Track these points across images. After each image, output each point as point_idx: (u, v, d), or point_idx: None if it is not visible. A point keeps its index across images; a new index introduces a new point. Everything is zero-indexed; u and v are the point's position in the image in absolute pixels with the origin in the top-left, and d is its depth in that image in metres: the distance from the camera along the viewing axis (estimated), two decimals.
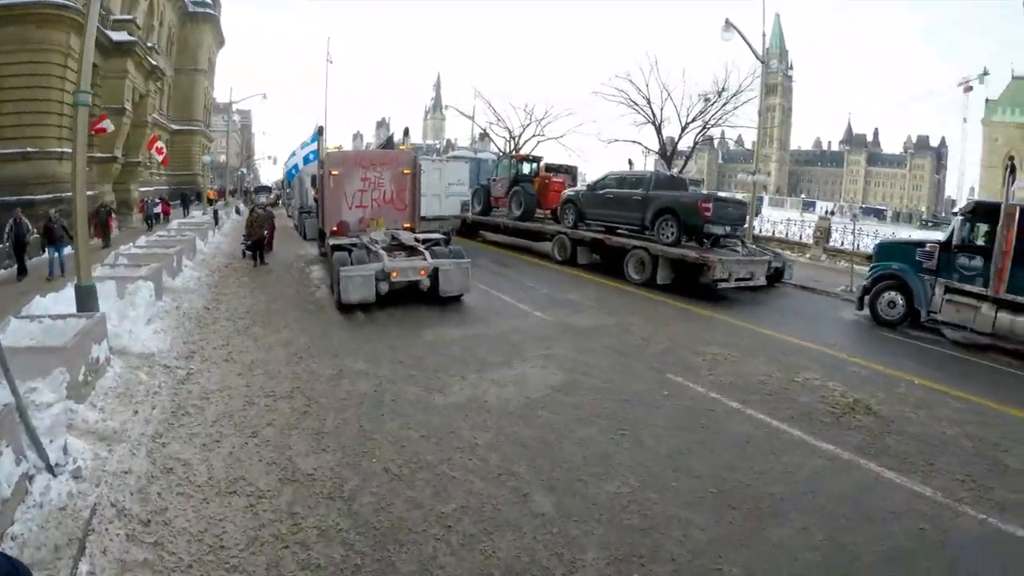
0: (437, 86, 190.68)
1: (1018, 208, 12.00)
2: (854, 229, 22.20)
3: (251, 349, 9.19)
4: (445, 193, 21.34)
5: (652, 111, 32.15)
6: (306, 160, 20.21)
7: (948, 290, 12.84)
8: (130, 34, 26.62)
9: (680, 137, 31.67)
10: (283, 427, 6.37)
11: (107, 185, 27.13)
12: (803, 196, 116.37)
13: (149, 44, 30.88)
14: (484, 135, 46.22)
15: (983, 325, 12.15)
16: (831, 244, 27.90)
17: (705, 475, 5.68)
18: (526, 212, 21.04)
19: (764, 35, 18.60)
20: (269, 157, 79.80)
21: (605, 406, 7.28)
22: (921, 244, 13.78)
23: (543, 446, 6.14)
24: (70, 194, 9.32)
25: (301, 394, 7.34)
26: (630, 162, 27.52)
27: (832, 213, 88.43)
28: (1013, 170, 13.50)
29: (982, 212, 12.83)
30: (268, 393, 7.33)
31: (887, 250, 14.75)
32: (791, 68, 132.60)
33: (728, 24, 17.31)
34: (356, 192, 14.44)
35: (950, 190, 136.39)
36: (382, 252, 12.19)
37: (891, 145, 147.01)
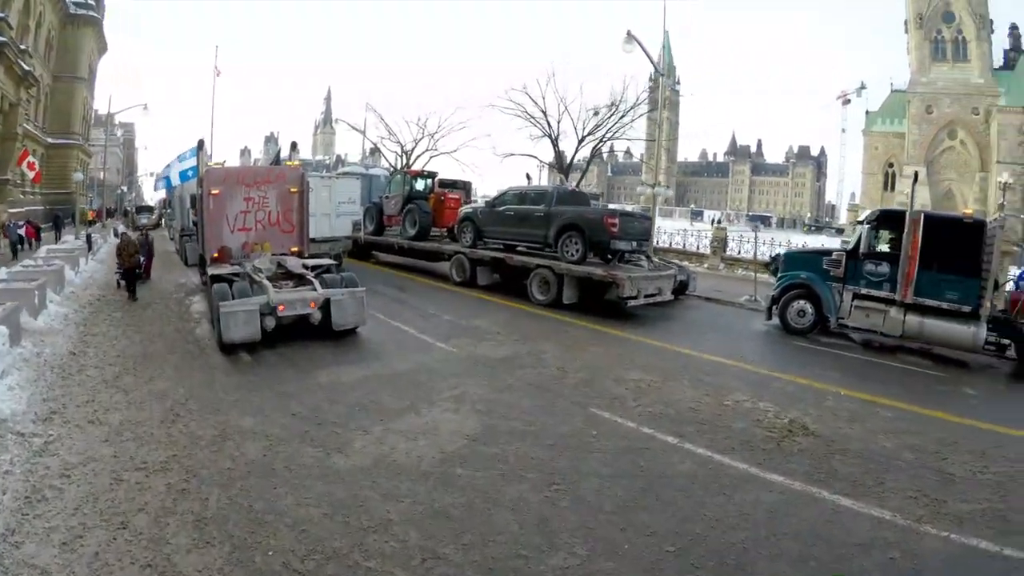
0: (328, 99, 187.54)
1: (922, 215, 12.92)
2: (755, 239, 22.89)
3: (121, 405, 7.81)
4: (335, 212, 20.06)
5: (549, 124, 32.44)
6: (183, 176, 18.40)
7: (857, 297, 13.60)
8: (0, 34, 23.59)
9: (577, 150, 32.08)
10: (158, 512, 5.21)
11: None
12: (692, 206, 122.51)
13: (22, 47, 27.55)
14: (375, 150, 45.21)
15: (892, 329, 13.12)
16: (728, 253, 29.11)
17: (658, 530, 5.15)
18: (421, 231, 20.33)
19: (663, 47, 18.90)
20: (151, 174, 74.96)
21: (533, 456, 6.60)
22: (828, 253, 14.56)
23: (469, 515, 5.36)
24: None
25: (179, 465, 6.15)
26: (528, 176, 27.37)
27: (720, 222, 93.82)
28: (916, 179, 14.52)
29: (887, 220, 13.72)
30: (139, 465, 6.08)
31: (794, 260, 15.34)
32: (678, 83, 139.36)
33: (629, 36, 17.48)
34: (239, 213, 13.30)
35: (830, 196, 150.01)
36: (266, 283, 11.16)
37: (774, 155, 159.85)
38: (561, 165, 30.98)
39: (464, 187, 24.33)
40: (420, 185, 21.88)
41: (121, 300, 15.43)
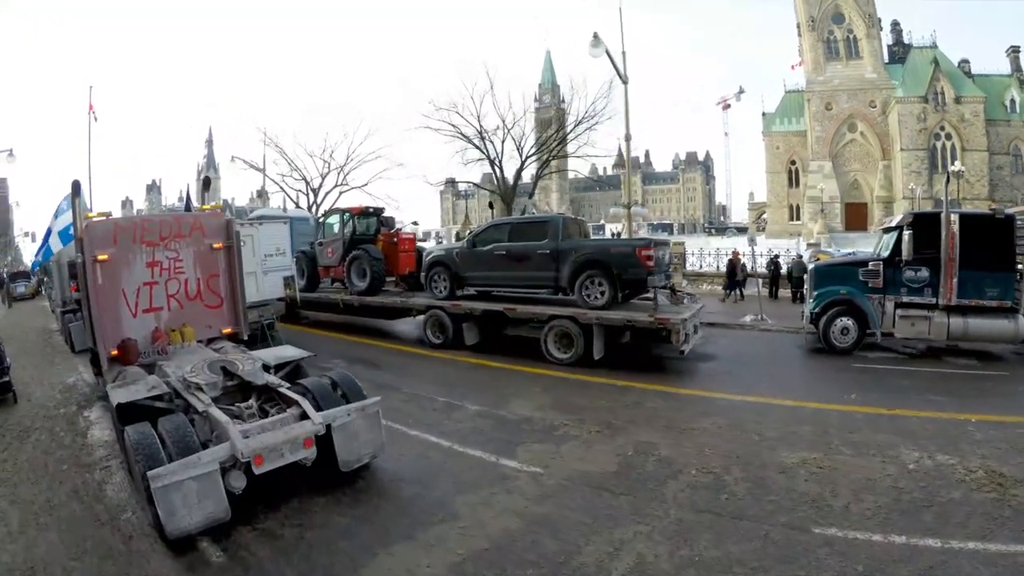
0: (209, 142, 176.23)
1: (957, 215, 13.33)
2: (753, 253, 22.29)
3: None
4: (262, 268, 16.27)
5: (491, 143, 31.09)
6: (64, 238, 14.25)
7: (899, 306, 13.69)
8: None
9: (519, 171, 30.48)
10: None
11: None
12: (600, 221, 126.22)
13: None
14: (262, 192, 42.34)
15: (939, 334, 13.37)
16: (689, 268, 28.86)
17: None
18: (374, 283, 17.35)
19: (623, 53, 17.98)
20: (27, 233, 67.85)
21: None
22: (863, 263, 14.39)
23: None
24: None
25: None
26: (491, 205, 25.39)
27: (619, 233, 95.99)
28: (948, 180, 14.66)
29: (921, 224, 13.58)
30: None
31: (827, 274, 15.04)
32: (563, 101, 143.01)
33: (597, 39, 16.29)
34: (142, 286, 9.67)
35: (720, 198, 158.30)
36: (219, 415, 7.05)
37: (662, 163, 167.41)
38: (504, 190, 29.13)
39: (387, 223, 21.94)
40: (365, 226, 18.82)
41: None
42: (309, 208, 40.42)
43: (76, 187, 10.62)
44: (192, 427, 6.80)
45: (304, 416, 7.13)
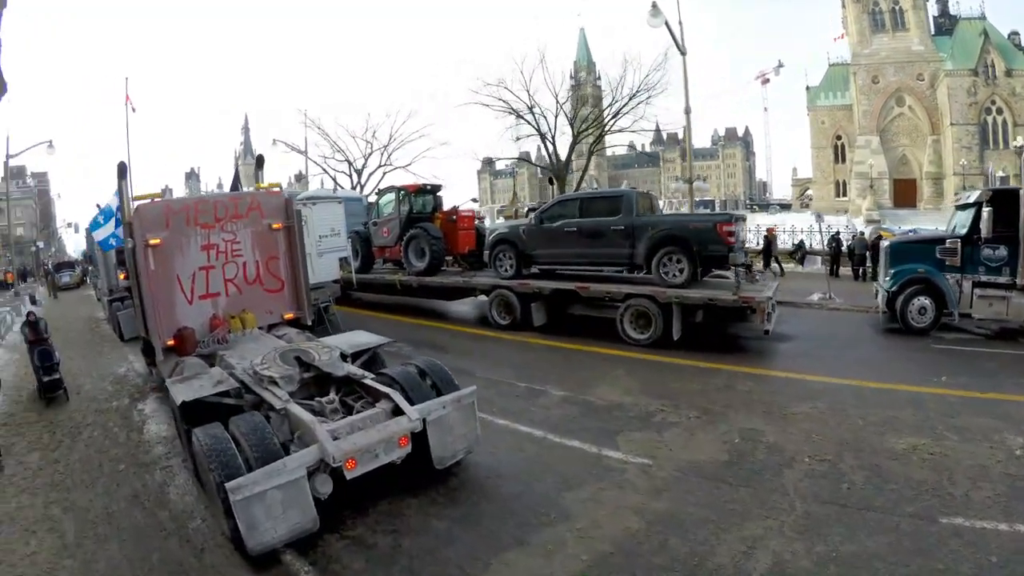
0: (246, 128, 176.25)
1: None
2: (820, 230, 21.92)
3: None
4: (317, 250, 15.79)
5: (544, 118, 30.86)
6: None
7: (977, 285, 13.18)
8: None
9: (573, 146, 30.21)
10: None
11: None
12: None
13: None
14: (300, 176, 42.82)
15: (1017, 315, 12.82)
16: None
17: None
18: (434, 262, 16.90)
19: (680, 23, 17.59)
20: (69, 224, 70.50)
21: None
22: (939, 241, 13.90)
23: None
24: None
25: None
26: (551, 181, 24.92)
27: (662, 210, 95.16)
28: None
29: (999, 201, 13.03)
30: None
31: (903, 252, 14.61)
32: (599, 79, 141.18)
33: (656, 8, 15.95)
34: (197, 271, 9.23)
35: (760, 174, 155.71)
36: (301, 413, 6.41)
37: (700, 139, 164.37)
38: (556, 166, 28.85)
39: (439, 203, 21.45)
40: (422, 204, 18.25)
41: (38, 421, 10.23)
42: (353, 188, 40.68)
43: (122, 169, 10.24)
44: (268, 424, 6.18)
45: (397, 411, 6.54)
